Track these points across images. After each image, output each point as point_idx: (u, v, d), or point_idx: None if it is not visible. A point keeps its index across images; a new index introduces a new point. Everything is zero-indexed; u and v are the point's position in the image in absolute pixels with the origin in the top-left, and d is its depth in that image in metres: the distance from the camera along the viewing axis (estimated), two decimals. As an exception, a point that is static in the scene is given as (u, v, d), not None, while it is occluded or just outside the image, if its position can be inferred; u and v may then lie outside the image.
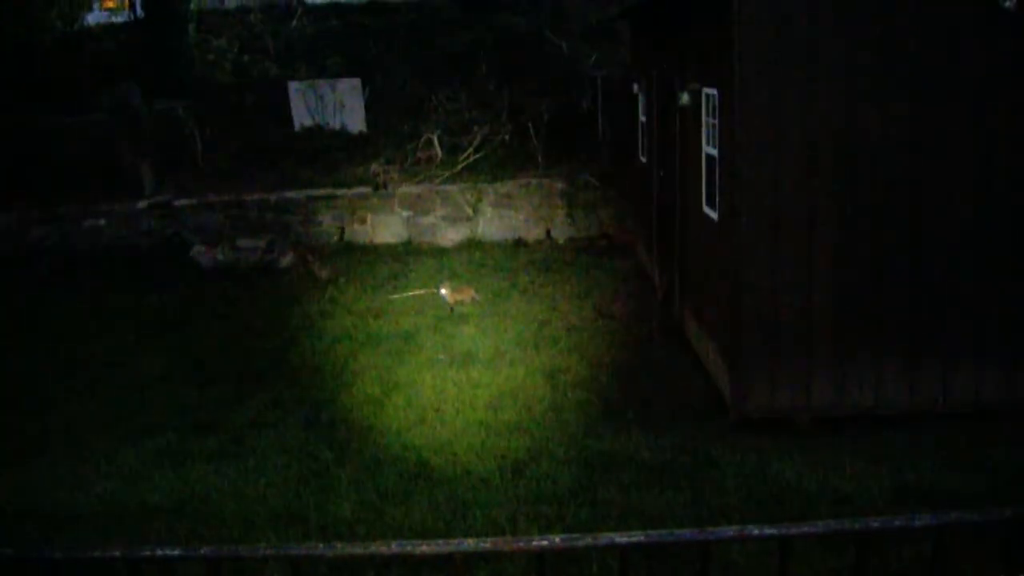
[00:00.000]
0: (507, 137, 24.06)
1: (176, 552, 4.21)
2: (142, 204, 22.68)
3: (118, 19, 31.61)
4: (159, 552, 4.19)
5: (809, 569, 8.13)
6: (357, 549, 4.06)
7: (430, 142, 24.03)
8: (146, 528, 9.50)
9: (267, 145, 24.42)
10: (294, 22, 29.73)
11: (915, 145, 11.42)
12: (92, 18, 32.01)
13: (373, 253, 21.93)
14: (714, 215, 13.04)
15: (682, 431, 11.78)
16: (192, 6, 28.60)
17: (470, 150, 23.66)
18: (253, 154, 24.21)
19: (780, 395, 11.88)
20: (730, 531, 4.01)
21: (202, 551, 4.27)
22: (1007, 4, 11.04)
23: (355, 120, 25.21)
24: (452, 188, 22.85)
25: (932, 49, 11.29)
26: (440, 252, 21.96)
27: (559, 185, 22.85)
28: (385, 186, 22.69)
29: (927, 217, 11.55)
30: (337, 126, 25.11)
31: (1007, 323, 11.79)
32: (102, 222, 22.52)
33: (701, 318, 14.10)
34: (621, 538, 3.64)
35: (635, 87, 20.70)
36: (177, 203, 22.67)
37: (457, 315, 16.87)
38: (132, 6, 29.94)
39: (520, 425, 11.96)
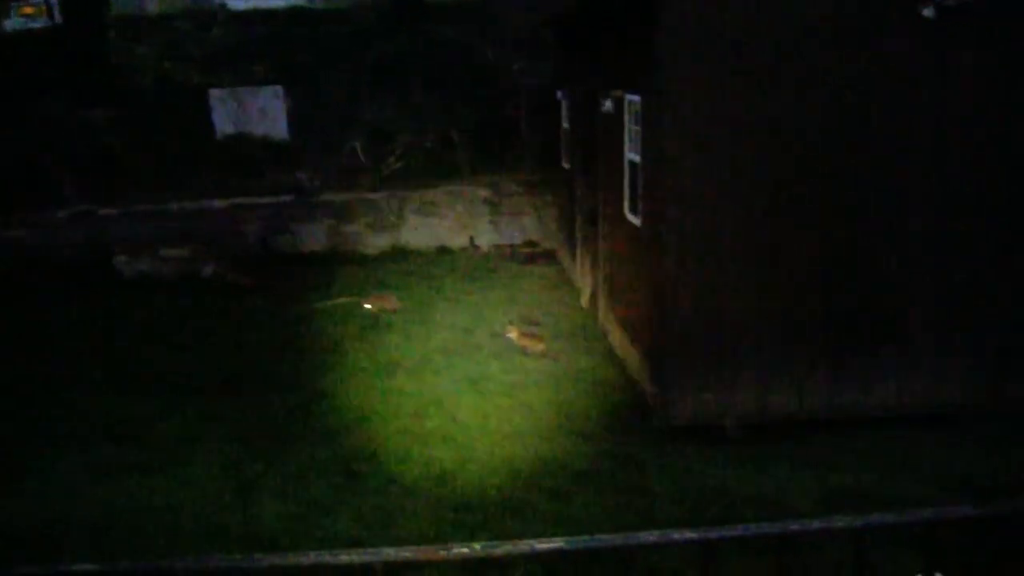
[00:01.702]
0: (432, 145, 24.04)
1: (93, 567, 4.13)
2: (64, 214, 22.37)
3: (36, 25, 31.11)
4: (75, 567, 4.11)
5: (733, 572, 8.15)
6: (276, 560, 4.00)
7: (354, 150, 23.94)
8: (71, 544, 9.34)
9: (190, 153, 24.19)
10: (217, 29, 29.49)
11: (839, 151, 11.51)
12: (9, 24, 31.48)
13: (297, 261, 21.79)
14: (637, 221, 13.08)
15: (608, 438, 11.78)
16: (112, 12, 28.27)
17: (394, 158, 23.59)
18: (176, 162, 23.98)
19: (705, 402, 11.91)
20: (652, 536, 4.00)
21: (121, 566, 4.19)
22: (926, 12, 11.16)
23: (278, 128, 25.06)
24: (377, 196, 22.79)
25: (854, 53, 11.40)
26: (365, 260, 21.87)
27: (483, 193, 22.86)
28: (310, 194, 22.56)
29: (850, 223, 11.64)
30: (260, 134, 24.93)
31: (931, 329, 11.91)
32: (23, 233, 22.16)
33: (625, 324, 14.13)
34: (541, 545, 3.62)
35: (559, 94, 20.75)
36: (100, 212, 22.38)
37: (382, 323, 16.79)
38: (51, 12, 29.50)
39: (446, 433, 11.91)
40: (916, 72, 11.43)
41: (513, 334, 15.11)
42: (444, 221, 22.76)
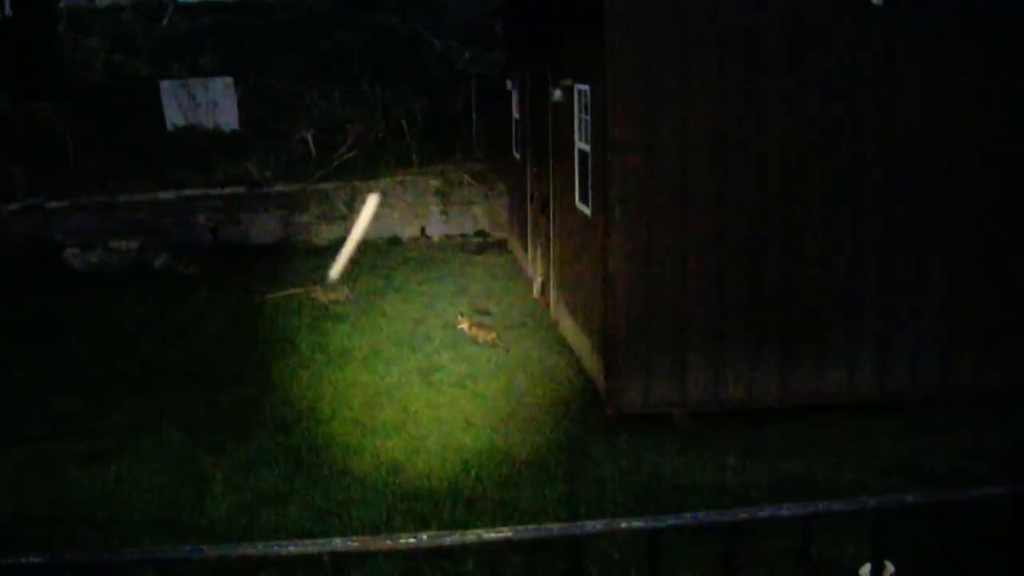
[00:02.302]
0: (381, 135, 23.97)
1: (39, 560, 4.06)
2: (13, 207, 22.10)
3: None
4: (22, 560, 4.04)
5: (683, 560, 8.17)
6: (224, 551, 3.96)
7: (305, 141, 23.83)
8: (19, 537, 9.24)
9: (140, 145, 23.94)
10: (166, 20, 29.27)
11: (788, 138, 11.54)
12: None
13: (248, 252, 21.65)
14: (587, 210, 13.07)
15: (559, 428, 11.78)
16: (61, 4, 27.99)
17: (344, 149, 23.49)
18: (126, 155, 23.71)
19: (655, 391, 11.93)
20: (599, 525, 3.99)
21: (66, 557, 4.13)
22: (876, 1, 11.21)
23: (228, 119, 24.88)
24: (327, 186, 22.68)
25: (805, 40, 11.43)
26: (316, 251, 21.76)
27: (434, 183, 22.82)
28: (260, 185, 22.44)
29: (801, 211, 11.68)
30: (210, 125, 24.74)
31: (878, 318, 11.98)
32: (-29, 226, 21.91)
33: (576, 313, 14.13)
34: (489, 534, 3.59)
35: (509, 84, 20.72)
36: (49, 205, 22.13)
37: (333, 314, 16.72)
38: (0, 5, 29.17)
39: (397, 424, 11.87)
40: (865, 60, 11.48)
41: (464, 325, 15.02)
42: (394, 211, 22.70)
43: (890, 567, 3.79)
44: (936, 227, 11.86)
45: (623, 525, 3.84)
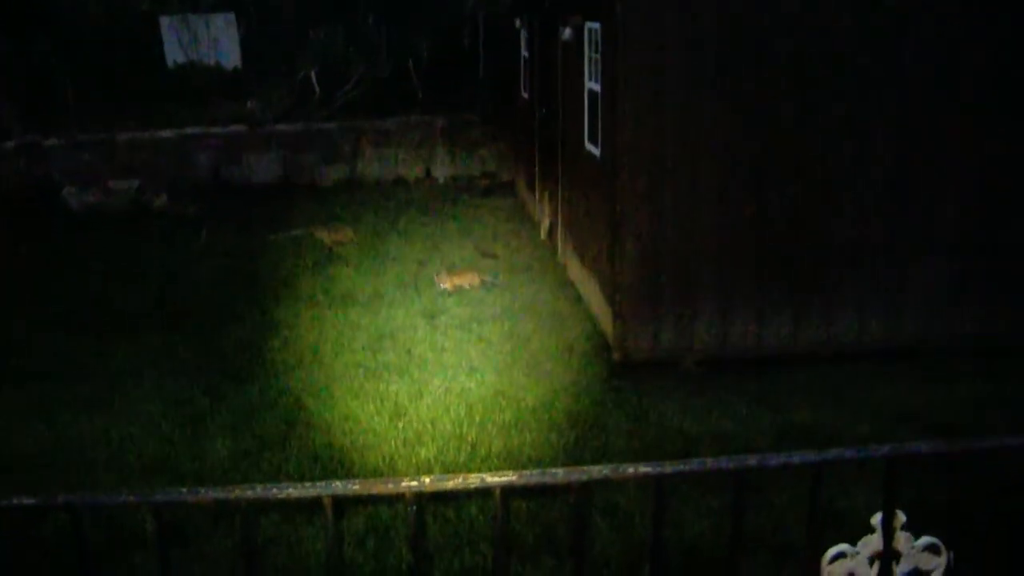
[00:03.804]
0: (387, 75, 23.82)
1: (32, 501, 4.04)
2: (9, 145, 22.04)
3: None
4: (15, 501, 4.02)
5: (690, 509, 8.18)
6: (219, 494, 3.93)
7: (308, 80, 23.71)
8: (15, 479, 9.26)
9: (139, 83, 23.86)
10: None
11: (800, 78, 11.43)
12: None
13: (249, 193, 21.63)
14: (596, 152, 12.99)
15: (565, 373, 11.75)
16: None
17: (348, 88, 23.37)
18: (125, 92, 23.63)
19: (663, 337, 11.89)
20: (605, 470, 3.95)
21: (60, 499, 4.11)
22: None
23: (230, 57, 24.75)
24: (330, 127, 22.63)
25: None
26: (319, 191, 21.73)
27: (440, 123, 22.74)
28: (262, 124, 22.35)
29: (811, 155, 11.59)
30: (211, 63, 24.62)
31: (890, 265, 11.91)
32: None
33: (584, 257, 14.07)
34: (493, 478, 3.57)
35: (518, 23, 20.56)
36: (46, 143, 22.08)
37: (336, 256, 16.69)
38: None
39: (400, 367, 11.86)
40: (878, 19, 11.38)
41: (446, 284, 14.68)
42: (400, 152, 22.64)
43: (901, 517, 3.76)
44: (949, 170, 11.76)
45: (630, 471, 3.81)
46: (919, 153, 11.64)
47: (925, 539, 3.87)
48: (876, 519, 3.81)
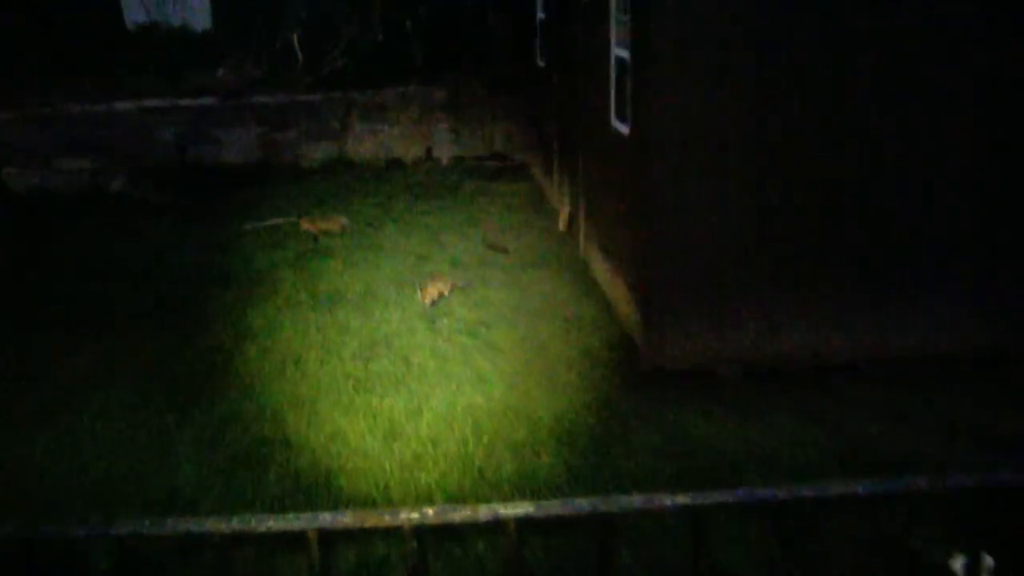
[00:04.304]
0: (380, 38, 23.81)
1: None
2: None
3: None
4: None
5: (729, 541, 8.16)
6: (191, 526, 3.92)
7: (290, 44, 23.72)
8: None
9: (94, 46, 23.85)
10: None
11: (849, 47, 11.39)
12: None
13: (221, 176, 21.61)
14: (624, 129, 12.95)
15: (587, 385, 11.74)
16: None
17: (336, 54, 23.37)
18: (77, 57, 23.63)
19: (700, 342, 11.86)
20: (636, 501, 3.94)
21: (7, 530, 4.10)
22: None
23: (200, 16, 24.76)
24: (316, 98, 22.60)
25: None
26: (302, 174, 21.72)
27: (442, 95, 22.70)
28: (237, 95, 22.35)
29: (868, 140, 11.56)
30: (177, 23, 24.63)
31: (952, 267, 11.87)
32: None
33: (609, 251, 14.05)
34: (507, 510, 3.55)
35: (533, -22, 20.57)
36: (-16, 116, 22.13)
37: (322, 249, 16.69)
38: None
39: (395, 377, 11.86)
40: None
41: (428, 296, 14.35)
42: (395, 128, 22.62)
43: (989, 561, 3.70)
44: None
45: (666, 502, 3.79)
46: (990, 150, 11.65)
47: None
48: (958, 563, 3.78)
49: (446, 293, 14.43)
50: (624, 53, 12.96)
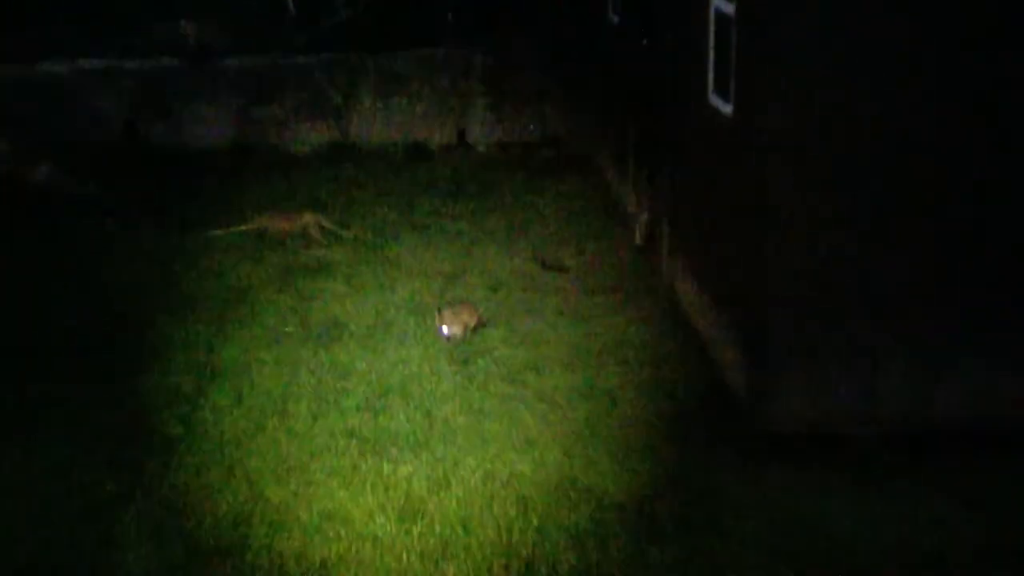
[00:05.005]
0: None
1: None
2: None
3: None
4: None
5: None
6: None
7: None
8: None
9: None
10: None
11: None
12: None
13: (184, 163, 21.68)
14: (727, 108, 12.93)
15: (670, 450, 11.75)
16: None
17: (340, 3, 23.48)
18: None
19: (830, 398, 11.81)
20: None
21: None
22: None
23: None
24: (310, 62, 22.67)
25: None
26: (291, 163, 21.80)
27: (479, 61, 22.74)
28: (205, 56, 22.44)
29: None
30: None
31: None
32: None
33: (704, 274, 14.04)
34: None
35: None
36: None
37: (315, 263, 16.74)
38: None
39: (414, 437, 11.88)
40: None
41: (454, 328, 14.25)
42: (418, 105, 22.68)
43: None
44: None
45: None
46: None
47: None
48: None
49: (471, 326, 14.35)
50: (726, 6, 12.95)
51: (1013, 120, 11.42)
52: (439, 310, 14.57)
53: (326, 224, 17.57)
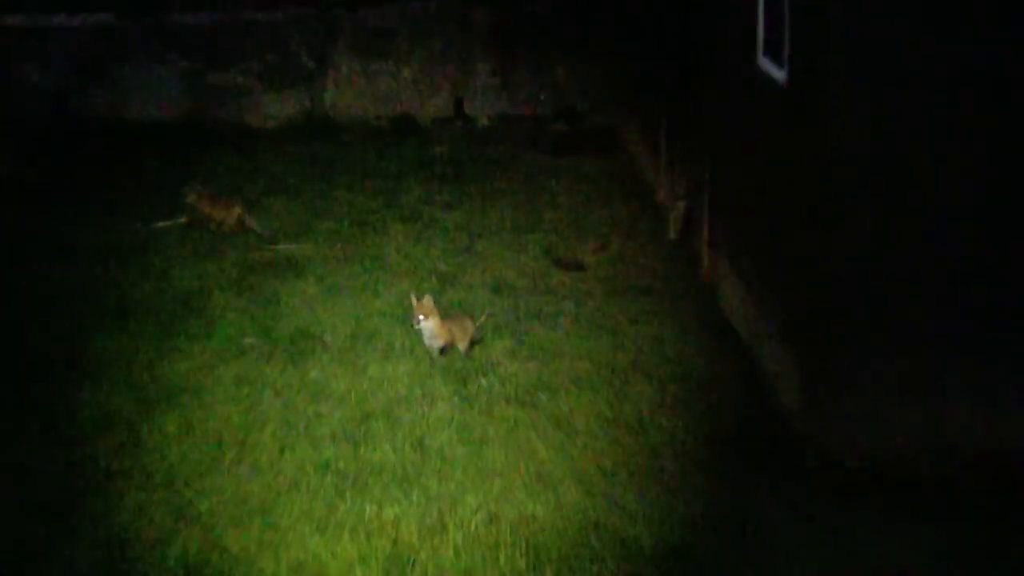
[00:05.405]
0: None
1: None
2: None
3: None
4: None
5: None
6: None
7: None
8: None
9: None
10: None
11: None
12: None
13: (124, 139, 21.72)
14: (780, 75, 12.87)
15: (711, 486, 11.71)
16: None
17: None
18: None
19: (900, 425, 11.75)
20: None
21: None
22: None
23: None
24: (277, 18, 22.70)
25: None
26: (254, 139, 21.82)
27: (482, 16, 22.79)
28: (149, 12, 22.45)
29: None
30: None
31: None
32: None
33: (751, 274, 13.99)
34: None
35: None
36: None
37: (280, 260, 16.72)
38: None
39: (402, 472, 11.83)
40: None
41: (427, 321, 14.10)
42: (407, 69, 22.74)
43: None
44: None
45: None
46: None
47: None
48: None
49: (469, 337, 14.21)
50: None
51: None
52: (415, 296, 14.20)
53: (253, 226, 17.52)
